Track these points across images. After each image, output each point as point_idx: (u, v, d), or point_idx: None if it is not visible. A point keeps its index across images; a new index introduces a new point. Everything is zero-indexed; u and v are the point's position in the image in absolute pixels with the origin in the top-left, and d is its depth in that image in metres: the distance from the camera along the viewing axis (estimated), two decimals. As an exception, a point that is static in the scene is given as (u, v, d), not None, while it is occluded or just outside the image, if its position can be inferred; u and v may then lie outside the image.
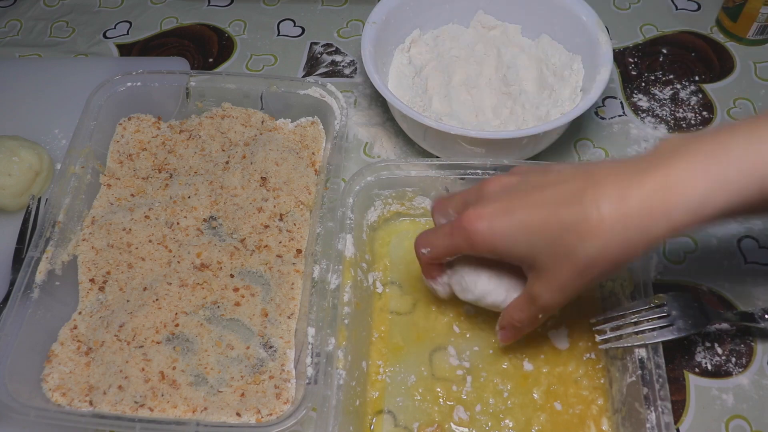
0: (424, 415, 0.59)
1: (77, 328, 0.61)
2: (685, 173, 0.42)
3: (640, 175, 0.43)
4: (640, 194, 0.43)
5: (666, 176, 0.43)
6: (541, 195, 0.46)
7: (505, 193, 0.48)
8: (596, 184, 0.44)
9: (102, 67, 0.85)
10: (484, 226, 0.48)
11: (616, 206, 0.43)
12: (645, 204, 0.43)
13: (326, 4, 0.94)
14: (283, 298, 0.63)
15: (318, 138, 0.74)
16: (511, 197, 0.48)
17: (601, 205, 0.43)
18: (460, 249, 0.51)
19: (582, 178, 0.46)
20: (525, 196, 0.47)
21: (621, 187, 0.43)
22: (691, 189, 0.42)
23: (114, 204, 0.69)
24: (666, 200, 0.42)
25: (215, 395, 0.58)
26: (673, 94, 0.83)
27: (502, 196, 0.48)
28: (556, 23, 0.77)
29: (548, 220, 0.45)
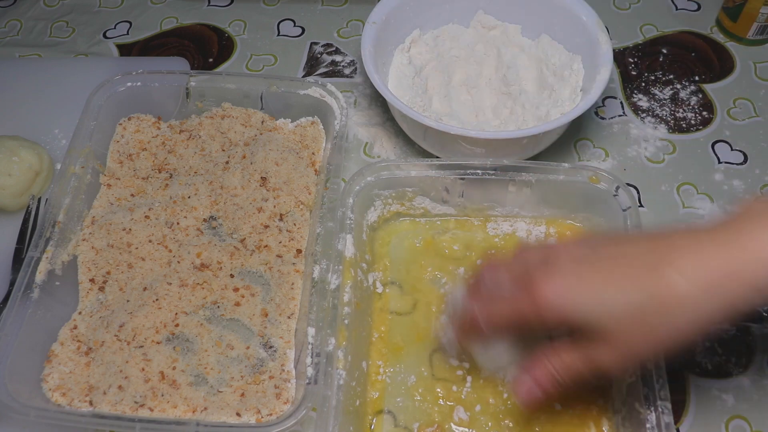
0: (424, 416, 0.59)
1: (77, 328, 0.61)
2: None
3: (724, 241, 0.42)
4: (724, 261, 0.41)
5: (753, 242, 0.41)
6: (618, 265, 0.45)
7: (577, 264, 0.47)
8: (676, 254, 0.43)
9: (102, 67, 0.85)
10: (557, 295, 0.45)
11: (699, 273, 0.42)
12: (730, 271, 0.41)
13: (326, 4, 0.94)
14: (283, 298, 0.63)
15: (318, 138, 0.74)
16: (584, 268, 0.46)
17: (684, 272, 0.42)
18: (524, 317, 0.48)
19: (660, 247, 0.44)
20: (600, 266, 0.46)
21: (703, 254, 0.42)
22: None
23: (114, 204, 0.69)
24: (754, 268, 0.41)
25: (215, 395, 0.58)
26: (673, 94, 0.83)
27: (574, 267, 0.46)
28: (556, 23, 0.77)
29: (627, 290, 0.44)
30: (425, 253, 0.68)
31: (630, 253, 0.45)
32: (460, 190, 0.67)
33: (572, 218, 0.69)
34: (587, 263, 0.46)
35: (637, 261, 0.44)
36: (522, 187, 0.66)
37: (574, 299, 0.45)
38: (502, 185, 0.66)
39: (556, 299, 0.45)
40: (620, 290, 0.44)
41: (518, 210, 0.69)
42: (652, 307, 0.43)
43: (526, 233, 0.69)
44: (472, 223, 0.70)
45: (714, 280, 0.41)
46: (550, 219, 0.69)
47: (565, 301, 0.45)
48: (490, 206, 0.69)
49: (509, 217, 0.70)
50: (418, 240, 0.69)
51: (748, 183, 0.74)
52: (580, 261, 0.47)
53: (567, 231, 0.68)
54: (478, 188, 0.67)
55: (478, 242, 0.69)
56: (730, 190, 0.74)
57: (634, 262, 0.44)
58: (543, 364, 0.50)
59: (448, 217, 0.70)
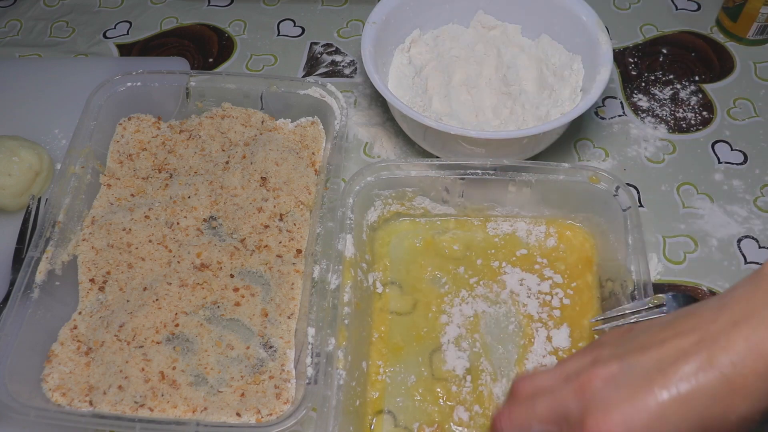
0: (424, 416, 0.59)
1: (77, 328, 0.61)
2: None
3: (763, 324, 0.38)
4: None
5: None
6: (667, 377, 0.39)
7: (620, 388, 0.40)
8: (722, 345, 0.39)
9: (102, 67, 0.85)
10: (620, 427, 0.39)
11: (753, 363, 0.38)
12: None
13: (326, 4, 0.94)
14: (283, 298, 0.63)
15: (318, 138, 0.74)
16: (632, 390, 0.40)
17: (739, 366, 0.38)
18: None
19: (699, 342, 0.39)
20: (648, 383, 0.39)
21: (751, 341, 0.38)
22: None
23: (114, 204, 0.69)
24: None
25: (215, 395, 0.58)
26: (673, 94, 0.83)
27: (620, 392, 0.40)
28: (556, 23, 0.77)
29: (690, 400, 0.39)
30: (425, 253, 0.68)
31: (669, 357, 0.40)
32: (460, 190, 0.67)
33: (572, 218, 0.69)
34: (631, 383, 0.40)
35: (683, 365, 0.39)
36: (522, 187, 0.66)
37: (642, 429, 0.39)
38: (502, 185, 0.66)
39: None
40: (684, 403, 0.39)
41: (518, 210, 0.69)
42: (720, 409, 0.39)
43: (526, 233, 0.69)
44: (472, 223, 0.70)
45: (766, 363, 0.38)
46: (550, 219, 0.69)
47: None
48: (490, 206, 0.69)
49: (509, 217, 0.70)
50: (418, 240, 0.69)
51: (748, 183, 0.75)
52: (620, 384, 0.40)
53: (567, 231, 0.68)
54: (478, 188, 0.67)
55: (478, 242, 0.69)
56: (730, 190, 0.74)
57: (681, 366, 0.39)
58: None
59: (448, 217, 0.70)
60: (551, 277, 0.66)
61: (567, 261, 0.67)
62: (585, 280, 0.66)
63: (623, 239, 0.61)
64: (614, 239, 0.63)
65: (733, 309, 0.40)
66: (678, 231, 0.71)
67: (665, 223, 0.72)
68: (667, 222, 0.72)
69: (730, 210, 0.73)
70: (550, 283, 0.66)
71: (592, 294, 0.64)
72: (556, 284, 0.65)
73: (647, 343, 0.41)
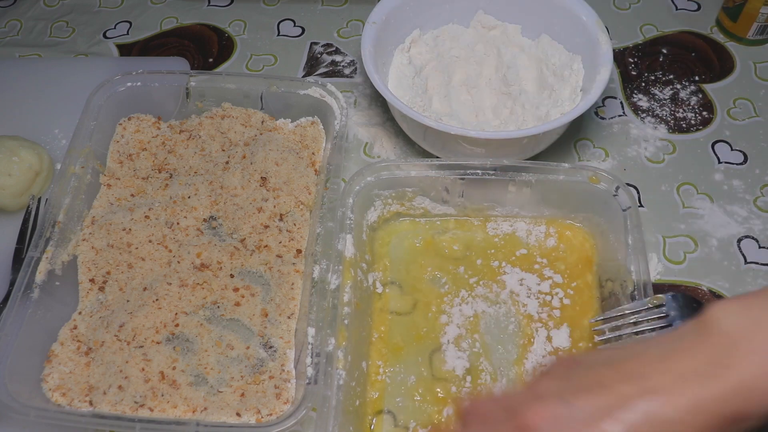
0: (423, 415, 0.59)
1: (77, 328, 0.61)
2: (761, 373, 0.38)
3: (709, 382, 0.38)
4: (715, 404, 0.38)
5: (737, 380, 0.38)
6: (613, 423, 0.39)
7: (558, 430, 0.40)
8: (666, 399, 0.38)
9: (102, 67, 0.85)
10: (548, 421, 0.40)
11: (694, 420, 0.38)
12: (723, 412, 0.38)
13: (326, 4, 0.94)
14: (283, 298, 0.63)
15: (318, 138, 0.74)
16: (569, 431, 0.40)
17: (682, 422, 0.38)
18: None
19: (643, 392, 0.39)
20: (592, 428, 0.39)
21: (693, 400, 0.38)
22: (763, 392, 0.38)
23: (114, 204, 0.69)
24: (743, 407, 0.38)
25: (215, 395, 0.58)
26: (673, 94, 0.83)
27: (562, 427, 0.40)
28: (556, 23, 0.77)
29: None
30: (425, 253, 0.68)
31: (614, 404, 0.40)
32: (460, 190, 0.67)
33: (572, 218, 0.69)
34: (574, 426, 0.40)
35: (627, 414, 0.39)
36: (522, 187, 0.66)
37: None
38: (502, 185, 0.66)
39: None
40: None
41: (518, 210, 0.69)
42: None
43: (526, 233, 0.69)
44: (472, 223, 0.70)
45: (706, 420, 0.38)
46: (550, 219, 0.69)
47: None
48: (490, 206, 0.69)
49: (509, 217, 0.70)
50: (418, 240, 0.69)
51: (748, 183, 0.75)
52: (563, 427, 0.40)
53: (567, 231, 0.68)
54: (478, 188, 0.67)
55: (478, 242, 0.69)
56: (729, 189, 0.74)
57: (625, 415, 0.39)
58: None
59: (448, 217, 0.70)
60: (551, 277, 0.66)
61: (567, 261, 0.67)
62: (585, 279, 0.66)
63: (623, 239, 0.61)
64: (614, 239, 0.64)
65: (679, 361, 0.39)
66: (678, 231, 0.71)
67: (665, 223, 0.72)
68: (667, 222, 0.72)
69: (730, 210, 0.73)
70: (550, 283, 0.66)
71: (592, 294, 0.64)
72: (555, 284, 0.65)
73: (592, 385, 0.41)
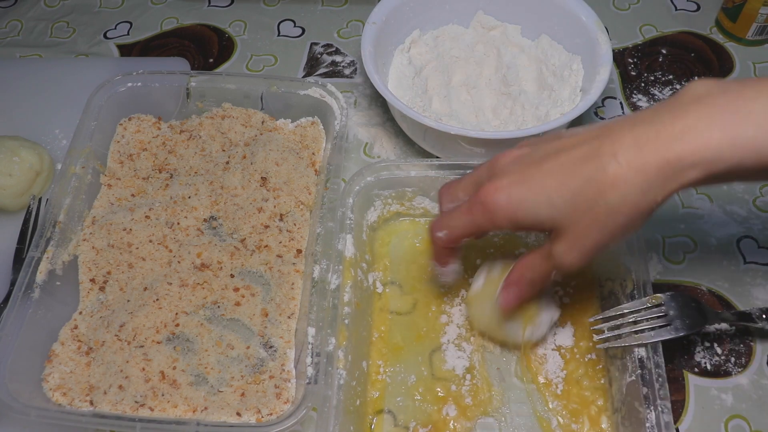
0: (424, 415, 0.59)
1: (78, 328, 0.61)
2: (702, 124, 0.41)
3: (658, 125, 0.42)
4: (655, 144, 0.42)
5: (681, 126, 0.42)
6: (557, 158, 0.46)
7: (519, 165, 0.48)
8: (612, 137, 0.44)
9: (102, 68, 0.85)
10: (503, 197, 0.47)
11: (633, 156, 0.42)
12: (660, 155, 0.42)
13: (326, 5, 0.94)
14: (284, 298, 0.63)
15: (318, 138, 0.74)
16: (526, 167, 0.47)
17: (619, 156, 0.43)
18: (479, 226, 0.50)
19: (597, 136, 0.45)
20: (540, 162, 0.47)
21: (638, 138, 0.43)
22: (705, 141, 0.41)
23: (114, 204, 0.69)
24: (680, 151, 0.41)
25: (215, 395, 0.58)
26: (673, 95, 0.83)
27: (516, 168, 0.48)
28: (556, 23, 0.78)
29: (566, 179, 0.45)
30: (425, 253, 0.68)
31: (570, 144, 0.46)
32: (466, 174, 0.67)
33: (572, 218, 0.69)
34: (529, 162, 0.47)
35: (577, 151, 0.45)
36: (522, 187, 0.66)
37: (520, 198, 0.46)
38: (502, 185, 0.66)
39: (504, 200, 0.47)
40: (561, 182, 0.45)
41: (518, 210, 0.69)
42: (590, 192, 0.44)
43: (525, 233, 0.69)
44: (471, 223, 0.70)
45: (645, 161, 0.42)
46: (550, 219, 0.69)
47: (511, 201, 0.47)
48: (489, 206, 0.69)
49: (509, 217, 0.70)
50: (418, 240, 0.69)
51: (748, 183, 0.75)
52: (522, 161, 0.48)
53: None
54: (477, 188, 0.67)
55: (478, 242, 0.69)
56: (729, 189, 0.74)
57: (574, 152, 0.45)
58: (515, 268, 0.53)
59: (447, 217, 0.70)
60: (551, 277, 0.66)
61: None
62: (585, 278, 0.66)
63: (623, 239, 0.62)
64: (614, 239, 0.64)
65: (637, 116, 0.44)
66: (677, 231, 0.71)
67: (665, 223, 0.72)
68: (666, 222, 0.72)
69: (730, 210, 0.73)
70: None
71: (591, 293, 0.65)
72: (555, 283, 0.66)
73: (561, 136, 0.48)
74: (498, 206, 0.47)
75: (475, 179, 0.52)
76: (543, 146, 0.48)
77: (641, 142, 0.42)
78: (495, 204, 0.47)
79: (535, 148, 0.48)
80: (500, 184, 0.47)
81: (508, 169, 0.48)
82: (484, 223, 0.49)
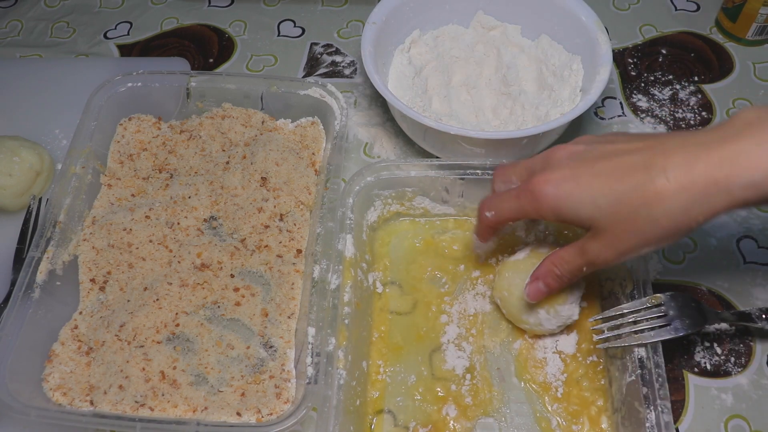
0: (424, 415, 0.59)
1: (78, 328, 0.61)
2: (752, 147, 0.43)
3: (709, 146, 0.44)
4: (705, 165, 0.43)
5: (733, 149, 0.43)
6: (609, 162, 0.48)
7: (572, 160, 0.50)
8: (665, 152, 0.45)
9: (102, 68, 0.85)
10: (551, 189, 0.49)
11: (681, 174, 0.44)
12: (709, 175, 0.43)
13: (326, 5, 0.94)
14: (284, 298, 0.63)
15: (318, 138, 0.74)
16: (578, 164, 0.49)
17: (668, 171, 0.44)
18: (525, 212, 0.52)
19: (650, 147, 0.46)
20: (593, 163, 0.48)
21: (688, 157, 0.44)
22: (756, 164, 0.42)
23: (114, 204, 0.69)
24: (729, 173, 0.43)
25: (215, 395, 0.58)
26: (673, 95, 0.83)
27: (569, 163, 0.49)
28: (556, 23, 0.78)
29: (614, 183, 0.47)
30: (425, 252, 0.68)
31: (623, 150, 0.48)
32: (459, 190, 0.67)
33: (572, 218, 0.69)
34: (582, 160, 0.49)
35: (628, 159, 0.47)
36: (522, 187, 0.66)
37: (567, 193, 0.48)
38: (502, 185, 0.66)
39: (552, 193, 0.49)
40: (608, 185, 0.47)
41: (518, 210, 0.69)
42: (634, 200, 0.46)
43: (525, 232, 0.69)
44: (471, 223, 0.70)
45: (693, 180, 0.43)
46: (550, 219, 0.69)
47: (558, 195, 0.49)
48: (489, 206, 0.69)
49: (509, 217, 0.70)
50: (418, 240, 0.69)
51: None
52: (576, 158, 0.50)
53: (565, 230, 0.69)
54: (477, 188, 0.67)
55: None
56: (729, 190, 0.74)
57: (625, 159, 0.47)
58: (545, 262, 0.55)
59: (447, 217, 0.70)
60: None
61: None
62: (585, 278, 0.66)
63: (623, 239, 0.62)
64: (614, 239, 0.64)
65: (690, 136, 0.46)
66: (677, 231, 0.71)
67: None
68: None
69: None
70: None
71: (591, 293, 0.65)
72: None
73: (617, 140, 0.50)
74: (545, 197, 0.49)
75: (529, 166, 0.53)
76: (599, 146, 0.50)
77: (691, 161, 0.44)
78: (542, 194, 0.49)
79: (591, 147, 0.50)
80: (551, 177, 0.49)
81: (561, 163, 0.50)
82: (530, 211, 0.51)
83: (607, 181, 0.47)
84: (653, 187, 0.45)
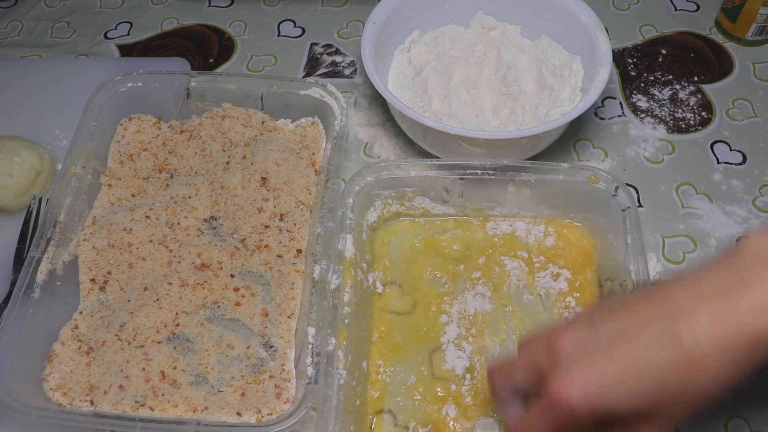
0: (424, 415, 0.59)
1: (78, 328, 0.61)
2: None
3: (732, 296, 0.40)
4: (738, 321, 0.39)
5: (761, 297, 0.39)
6: (628, 344, 0.42)
7: (584, 351, 0.43)
8: (684, 315, 0.40)
9: (103, 68, 0.85)
10: (580, 396, 0.42)
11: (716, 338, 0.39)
12: (746, 332, 0.39)
13: (326, 5, 0.94)
14: (284, 298, 0.63)
15: (318, 138, 0.74)
16: (594, 355, 0.42)
17: (701, 339, 0.40)
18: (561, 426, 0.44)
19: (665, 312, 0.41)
20: (610, 349, 0.42)
21: (714, 315, 0.40)
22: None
23: (115, 204, 0.69)
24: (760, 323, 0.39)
25: (216, 395, 0.58)
26: (673, 95, 0.83)
27: (584, 356, 0.43)
28: (556, 23, 0.78)
29: (645, 370, 0.41)
30: (425, 252, 0.68)
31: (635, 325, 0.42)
32: (459, 190, 0.68)
33: (571, 218, 0.69)
34: (594, 347, 0.43)
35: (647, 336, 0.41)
36: (521, 187, 0.67)
37: (599, 395, 0.42)
38: (502, 185, 0.67)
39: (581, 401, 0.42)
40: (641, 374, 0.41)
41: (518, 210, 0.69)
42: (675, 381, 0.41)
43: (525, 233, 0.69)
44: (471, 223, 0.70)
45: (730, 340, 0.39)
46: (549, 219, 0.69)
47: (589, 401, 0.42)
48: (489, 206, 0.69)
49: (509, 217, 0.70)
50: (418, 240, 0.69)
51: (747, 183, 0.75)
52: (586, 346, 0.43)
53: (565, 230, 0.69)
54: (477, 188, 0.67)
55: (478, 242, 0.69)
56: (728, 190, 0.74)
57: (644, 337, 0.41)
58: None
59: (447, 217, 0.70)
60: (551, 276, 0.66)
61: (566, 259, 0.67)
62: (585, 276, 0.66)
63: (622, 239, 0.62)
64: (613, 239, 0.64)
65: (702, 284, 0.41)
66: (677, 231, 0.71)
67: (664, 223, 0.72)
68: (666, 222, 0.72)
69: (729, 210, 0.73)
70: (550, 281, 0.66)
71: (592, 292, 0.65)
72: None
73: (618, 309, 0.44)
74: (577, 408, 0.42)
75: (532, 364, 0.47)
76: (603, 326, 0.43)
77: (720, 319, 0.39)
78: (573, 406, 0.42)
79: (596, 328, 0.44)
80: (571, 381, 0.42)
81: (573, 357, 0.43)
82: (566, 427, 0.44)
83: (637, 368, 0.41)
84: (691, 361, 0.40)
